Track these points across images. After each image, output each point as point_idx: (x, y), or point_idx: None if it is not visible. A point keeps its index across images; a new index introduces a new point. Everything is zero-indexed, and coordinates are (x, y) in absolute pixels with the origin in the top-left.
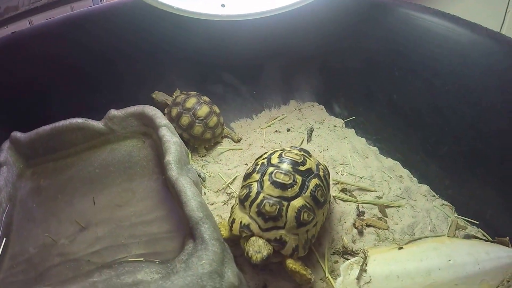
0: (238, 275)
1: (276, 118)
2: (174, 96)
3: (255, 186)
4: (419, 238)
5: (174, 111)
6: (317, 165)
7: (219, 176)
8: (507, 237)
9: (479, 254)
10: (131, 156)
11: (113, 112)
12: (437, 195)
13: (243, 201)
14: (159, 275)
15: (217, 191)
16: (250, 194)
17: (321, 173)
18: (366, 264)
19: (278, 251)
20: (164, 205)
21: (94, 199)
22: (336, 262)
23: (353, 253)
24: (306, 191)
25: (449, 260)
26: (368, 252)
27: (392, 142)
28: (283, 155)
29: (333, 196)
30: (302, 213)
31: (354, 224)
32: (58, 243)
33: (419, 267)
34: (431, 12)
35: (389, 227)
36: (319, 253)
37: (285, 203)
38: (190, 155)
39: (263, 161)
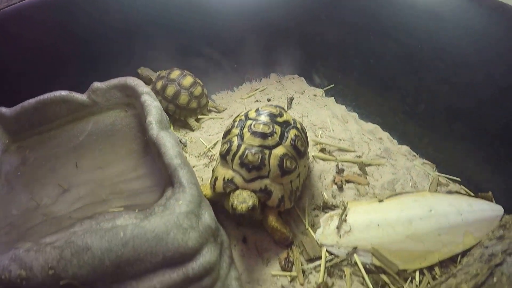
0: (215, 220)
1: (257, 89)
2: (158, 73)
3: (235, 140)
4: (400, 194)
5: (159, 84)
6: (294, 120)
7: (200, 142)
8: (490, 192)
9: (462, 205)
10: (114, 125)
11: (96, 84)
12: (417, 154)
13: (225, 155)
14: (138, 220)
15: (198, 156)
16: (231, 148)
17: (298, 126)
18: (346, 215)
19: (264, 202)
20: (145, 165)
21: (77, 164)
22: (317, 216)
23: (333, 207)
24: (286, 140)
25: (431, 211)
26: (348, 204)
27: (371, 106)
28: (260, 109)
29: (312, 156)
30: (284, 160)
31: (333, 181)
32: (40, 205)
33: (400, 216)
34: None
35: (369, 183)
36: (299, 208)
37: (267, 152)
38: (171, 125)
39: (240, 117)
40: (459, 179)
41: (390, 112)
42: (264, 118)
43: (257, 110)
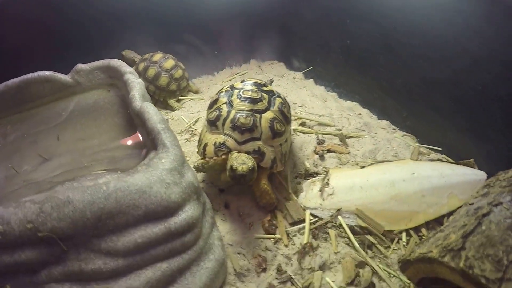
0: (197, 180)
1: (237, 73)
2: (142, 56)
3: (224, 107)
4: (382, 162)
5: (142, 65)
6: (276, 91)
7: (181, 119)
8: (472, 159)
9: (444, 170)
10: (96, 103)
11: (80, 65)
12: (397, 127)
13: (215, 121)
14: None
15: (179, 132)
16: (221, 113)
17: (281, 96)
18: (328, 179)
19: (258, 163)
20: (127, 135)
21: (58, 136)
22: (299, 183)
23: (315, 174)
24: (274, 106)
25: (413, 174)
26: (330, 169)
27: (349, 85)
28: (245, 80)
29: (293, 129)
30: (274, 123)
31: (314, 151)
32: (20, 172)
33: (383, 179)
34: None
35: (350, 152)
36: (281, 177)
37: (258, 115)
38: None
39: (226, 89)
40: (440, 149)
41: (368, 89)
42: (251, 86)
43: (242, 81)
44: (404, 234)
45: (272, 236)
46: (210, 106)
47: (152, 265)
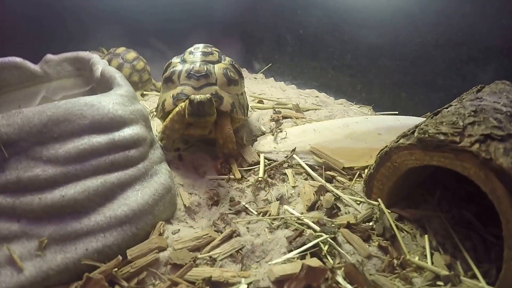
0: (147, 112)
1: None
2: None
3: (178, 64)
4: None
5: (105, 58)
6: None
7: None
8: (429, 113)
9: (398, 117)
10: (64, 86)
11: (50, 56)
12: (353, 102)
13: (170, 77)
14: None
15: None
16: (175, 69)
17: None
18: (280, 128)
19: (218, 107)
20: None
21: (20, 106)
22: (255, 140)
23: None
24: (224, 60)
25: (367, 118)
26: (283, 123)
27: (305, 74)
28: (192, 49)
29: (250, 106)
30: (228, 71)
31: (270, 119)
32: None
33: (335, 122)
34: None
35: (305, 117)
36: (239, 138)
37: (211, 65)
38: None
39: (178, 56)
40: (397, 112)
41: (323, 73)
42: (201, 44)
43: (193, 46)
44: (366, 171)
45: (225, 176)
46: (165, 69)
47: (92, 176)
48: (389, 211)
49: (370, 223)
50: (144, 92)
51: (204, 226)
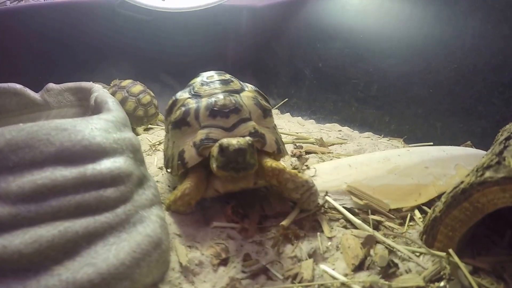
0: (139, 144)
1: None
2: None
3: (190, 100)
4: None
5: (110, 91)
6: None
7: (146, 140)
8: (469, 141)
9: (442, 147)
10: (64, 116)
11: (51, 85)
12: (381, 135)
13: (184, 119)
14: None
15: (143, 151)
16: (190, 107)
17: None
18: (307, 165)
19: (261, 148)
20: None
21: None
22: None
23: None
24: (247, 87)
25: (408, 150)
26: (308, 158)
27: (325, 108)
28: (205, 79)
29: None
30: (258, 100)
31: (291, 154)
32: None
33: (373, 156)
34: None
35: (332, 151)
36: None
37: (236, 95)
38: None
39: (183, 91)
40: (431, 143)
41: (345, 106)
42: (213, 72)
43: (198, 75)
44: (416, 211)
45: (236, 225)
46: (169, 111)
47: (49, 222)
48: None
49: (441, 283)
50: (150, 126)
51: None
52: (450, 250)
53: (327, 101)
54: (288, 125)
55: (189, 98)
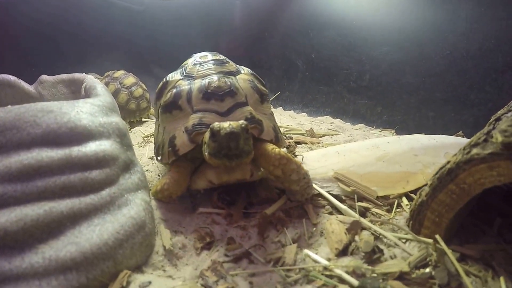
0: (127, 130)
1: None
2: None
3: (182, 82)
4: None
5: (103, 81)
6: None
7: (139, 132)
8: (461, 131)
9: (433, 136)
10: None
11: (45, 77)
12: (373, 127)
13: (174, 102)
14: None
15: (136, 144)
16: (182, 89)
17: None
18: (294, 153)
19: (258, 135)
20: None
21: None
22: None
23: None
24: (244, 70)
25: (399, 137)
26: (296, 147)
27: (317, 100)
28: (198, 59)
29: None
30: (255, 83)
31: None
32: None
33: (363, 144)
34: None
35: (322, 142)
36: None
37: (231, 77)
38: None
39: (176, 72)
40: (423, 134)
41: (337, 97)
42: (208, 52)
43: (191, 56)
44: (404, 199)
45: (223, 211)
46: (159, 94)
47: (35, 201)
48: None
49: (427, 269)
50: (143, 120)
51: (188, 277)
52: (437, 236)
53: (319, 93)
54: (280, 119)
55: (181, 79)
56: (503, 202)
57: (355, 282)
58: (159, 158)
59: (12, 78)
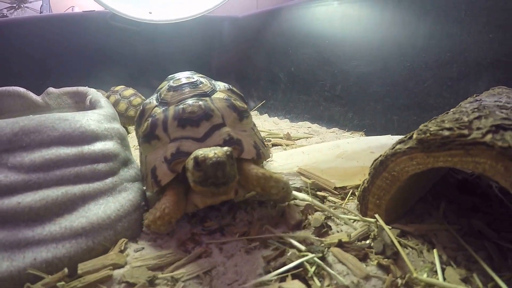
0: (126, 135)
1: None
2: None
3: (157, 109)
4: None
5: (105, 95)
6: None
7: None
8: None
9: (390, 136)
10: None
11: (51, 89)
12: (345, 130)
13: (152, 132)
14: None
15: (133, 146)
16: (157, 118)
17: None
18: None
19: (238, 156)
20: None
21: None
22: None
23: None
24: (219, 87)
25: (359, 138)
26: (272, 147)
27: (298, 108)
28: (171, 83)
29: None
30: (232, 101)
31: None
32: None
33: (326, 144)
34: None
35: (295, 144)
36: None
37: (206, 98)
38: None
39: (150, 98)
40: (389, 135)
41: (314, 105)
42: (181, 74)
43: (167, 78)
44: (359, 189)
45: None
46: (138, 122)
47: (54, 186)
48: (390, 227)
49: (367, 241)
50: None
51: (174, 246)
52: (376, 215)
53: (299, 102)
54: (264, 124)
55: (156, 106)
56: (457, 191)
57: (302, 247)
58: (144, 188)
59: (22, 89)
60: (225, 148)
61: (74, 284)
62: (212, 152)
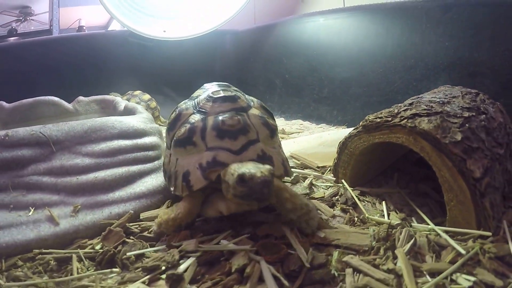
0: (161, 131)
1: None
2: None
3: (195, 117)
4: None
5: (124, 98)
6: None
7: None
8: None
9: None
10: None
11: (81, 97)
12: (331, 125)
13: (189, 138)
14: None
15: None
16: (195, 125)
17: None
18: None
19: None
20: None
21: None
22: None
23: None
24: (253, 103)
25: (337, 131)
26: None
27: (291, 108)
28: (205, 85)
29: None
30: (266, 119)
31: None
32: None
33: (312, 136)
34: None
35: (289, 137)
36: None
37: (243, 113)
38: None
39: (184, 101)
40: None
41: (305, 105)
42: (218, 87)
43: (200, 88)
44: (333, 164)
45: None
46: (172, 125)
47: (119, 166)
48: (352, 189)
49: (336, 197)
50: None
51: None
52: (343, 180)
53: (293, 103)
54: None
55: (193, 113)
56: (414, 166)
57: None
58: (172, 188)
59: (55, 98)
60: (268, 167)
61: (137, 224)
62: (258, 171)
